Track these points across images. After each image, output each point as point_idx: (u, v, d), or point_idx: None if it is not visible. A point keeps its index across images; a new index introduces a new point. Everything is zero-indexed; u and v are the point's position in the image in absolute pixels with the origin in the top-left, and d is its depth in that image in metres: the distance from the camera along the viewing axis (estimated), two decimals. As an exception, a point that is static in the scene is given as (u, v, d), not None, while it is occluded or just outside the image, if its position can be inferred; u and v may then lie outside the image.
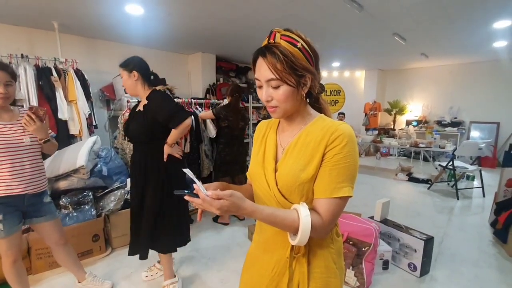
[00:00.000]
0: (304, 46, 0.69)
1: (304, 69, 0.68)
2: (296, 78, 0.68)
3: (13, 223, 1.45)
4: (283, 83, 0.67)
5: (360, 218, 2.07)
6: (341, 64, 6.57)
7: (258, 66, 0.69)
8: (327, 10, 2.99)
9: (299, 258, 0.73)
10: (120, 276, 2.05)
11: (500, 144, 5.88)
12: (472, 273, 2.12)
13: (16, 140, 1.43)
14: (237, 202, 0.62)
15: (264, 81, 0.69)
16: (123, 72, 1.67)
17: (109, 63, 4.02)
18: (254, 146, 0.87)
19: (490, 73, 5.89)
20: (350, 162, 0.67)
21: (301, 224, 0.64)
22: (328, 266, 0.75)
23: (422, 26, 3.56)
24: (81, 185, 2.36)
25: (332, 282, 0.76)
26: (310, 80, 0.70)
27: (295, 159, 0.72)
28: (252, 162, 0.84)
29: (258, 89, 0.73)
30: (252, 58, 0.72)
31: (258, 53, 0.69)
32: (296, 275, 0.74)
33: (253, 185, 0.83)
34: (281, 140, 0.80)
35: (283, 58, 0.65)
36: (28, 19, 3.05)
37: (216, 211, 0.61)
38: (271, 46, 0.67)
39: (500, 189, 2.87)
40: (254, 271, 0.85)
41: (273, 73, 0.66)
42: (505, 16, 3.17)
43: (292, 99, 0.70)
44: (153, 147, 1.70)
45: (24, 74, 2.75)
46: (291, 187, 0.70)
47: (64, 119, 2.94)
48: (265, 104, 0.72)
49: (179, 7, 2.85)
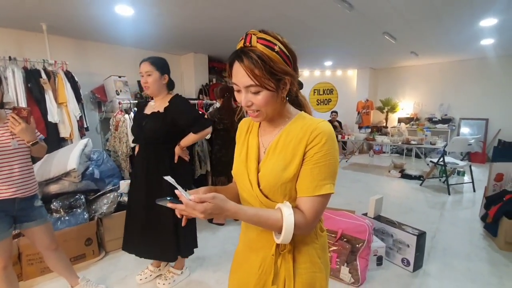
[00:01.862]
0: (281, 49, 0.66)
1: (283, 73, 0.66)
2: (275, 82, 0.66)
3: (3, 228, 1.41)
4: (263, 89, 0.66)
5: (354, 215, 2.09)
6: (333, 63, 6.63)
7: (235, 71, 0.67)
8: (318, 9, 3.01)
9: (284, 255, 0.74)
10: (114, 280, 2.02)
11: (489, 139, 6.01)
12: (464, 266, 2.16)
13: (3, 143, 1.40)
14: (220, 204, 0.61)
15: (242, 87, 0.67)
16: (155, 72, 1.66)
17: (100, 64, 3.98)
18: (237, 145, 0.87)
19: (479, 70, 6.01)
20: (330, 160, 0.68)
21: (284, 223, 0.65)
22: (313, 261, 0.76)
23: (412, 25, 3.62)
24: (73, 189, 2.33)
25: (317, 277, 0.77)
26: (289, 82, 0.69)
27: (276, 159, 0.72)
28: (235, 162, 0.84)
29: (236, 93, 0.71)
30: (228, 61, 0.70)
31: (234, 57, 0.67)
32: (282, 272, 0.74)
33: (237, 185, 0.83)
34: (263, 140, 0.79)
35: (261, 64, 0.63)
36: (16, 21, 3.00)
37: (200, 215, 0.60)
38: (247, 51, 0.65)
39: (489, 183, 2.93)
40: (241, 270, 0.85)
41: (252, 79, 0.64)
42: (491, 15, 3.24)
43: (272, 103, 0.69)
44: (165, 149, 1.74)
45: (12, 77, 2.69)
46: (274, 187, 0.71)
47: (54, 122, 2.90)
48: (246, 109, 0.72)
49: (169, 7, 2.83)
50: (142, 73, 1.67)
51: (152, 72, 1.65)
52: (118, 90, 3.73)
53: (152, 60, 1.67)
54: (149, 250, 1.82)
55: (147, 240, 1.79)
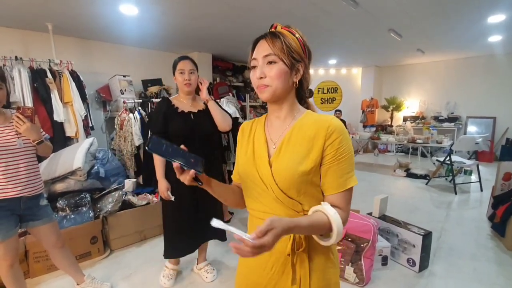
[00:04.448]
0: (301, 37, 0.75)
1: (299, 56, 0.73)
2: (291, 61, 0.72)
3: (10, 227, 1.43)
4: (279, 61, 0.70)
5: (358, 215, 2.08)
6: (338, 61, 6.58)
7: (258, 46, 0.73)
8: (323, 7, 2.98)
9: (300, 253, 0.73)
10: (119, 278, 2.04)
11: (496, 138, 5.91)
12: (471, 266, 2.13)
13: (9, 143, 1.42)
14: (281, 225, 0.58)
15: (261, 56, 0.72)
16: (196, 71, 1.76)
17: (105, 64, 4.00)
18: (239, 147, 0.86)
19: (486, 67, 5.91)
20: (350, 153, 0.72)
21: (333, 224, 0.65)
22: (328, 257, 0.77)
23: (418, 22, 3.57)
24: (78, 187, 2.35)
25: (332, 272, 0.78)
26: (302, 69, 0.74)
27: (291, 153, 0.72)
28: (240, 163, 0.83)
29: (252, 70, 0.75)
30: (252, 43, 0.76)
31: (261, 36, 0.74)
32: (298, 270, 0.74)
33: (246, 185, 0.81)
34: (271, 135, 0.79)
35: (283, 40, 0.71)
36: (21, 21, 3.03)
37: (269, 250, 0.57)
38: (273, 31, 0.73)
39: (497, 182, 2.88)
40: (250, 271, 0.84)
41: (271, 48, 0.70)
42: (499, 11, 3.18)
43: (284, 79, 0.72)
44: (213, 142, 1.91)
45: (19, 77, 2.73)
46: (289, 181, 0.70)
47: (60, 121, 2.92)
48: (257, 82, 0.73)
49: (173, 6, 2.83)
50: (183, 71, 1.70)
51: (194, 71, 1.74)
52: (122, 89, 3.75)
53: (191, 59, 1.76)
54: (201, 236, 1.88)
55: (198, 228, 1.82)
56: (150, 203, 2.66)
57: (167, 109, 1.73)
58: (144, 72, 4.37)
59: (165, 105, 1.75)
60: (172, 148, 0.67)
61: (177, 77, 1.74)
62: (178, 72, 1.72)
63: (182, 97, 1.80)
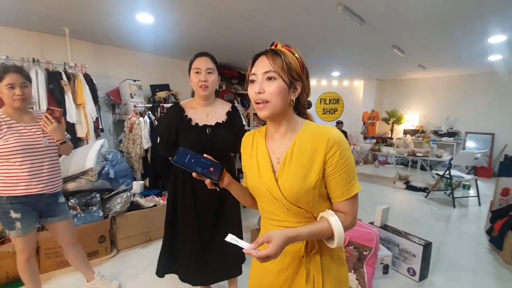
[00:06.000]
0: (300, 57, 0.77)
1: (297, 75, 0.75)
2: (291, 79, 0.74)
3: (31, 222, 1.50)
4: (279, 78, 0.73)
5: (361, 223, 2.14)
6: (340, 73, 6.72)
7: (258, 62, 0.76)
8: (329, 23, 3.11)
9: (312, 255, 0.79)
10: (126, 277, 2.08)
11: (495, 154, 6.00)
12: (470, 279, 2.18)
13: (35, 141, 1.49)
14: (280, 237, 0.68)
15: (261, 72, 0.74)
16: (215, 71, 1.45)
17: (116, 68, 4.11)
18: (244, 160, 0.90)
19: (486, 85, 6.06)
20: (351, 162, 0.75)
21: (335, 231, 0.72)
22: (338, 255, 0.84)
23: (421, 39, 3.70)
24: (89, 187, 2.42)
25: (342, 269, 0.85)
26: (300, 88, 0.77)
27: (295, 168, 0.75)
28: (249, 176, 0.86)
29: (250, 84, 0.77)
30: (252, 58, 0.78)
31: (262, 53, 0.76)
32: (312, 270, 0.79)
33: (256, 196, 0.87)
34: (273, 150, 0.82)
35: (284, 58, 0.73)
36: (40, 24, 3.13)
37: (274, 258, 0.67)
38: (274, 49, 0.76)
39: (495, 197, 2.96)
40: (264, 272, 0.87)
41: (272, 66, 0.73)
42: (500, 32, 3.31)
43: (282, 97, 0.74)
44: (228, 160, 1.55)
45: (35, 78, 2.81)
46: (297, 195, 0.74)
47: (72, 122, 3.00)
48: (255, 96, 0.75)
49: (187, 17, 2.95)
50: (199, 70, 1.39)
51: (213, 71, 1.42)
52: (132, 93, 3.84)
53: (212, 56, 1.43)
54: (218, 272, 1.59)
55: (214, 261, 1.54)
56: (157, 205, 2.72)
57: (179, 119, 1.44)
58: (152, 77, 4.47)
59: (177, 114, 1.46)
60: (195, 158, 0.74)
61: (192, 78, 1.42)
62: (194, 72, 1.41)
63: (197, 102, 1.48)
